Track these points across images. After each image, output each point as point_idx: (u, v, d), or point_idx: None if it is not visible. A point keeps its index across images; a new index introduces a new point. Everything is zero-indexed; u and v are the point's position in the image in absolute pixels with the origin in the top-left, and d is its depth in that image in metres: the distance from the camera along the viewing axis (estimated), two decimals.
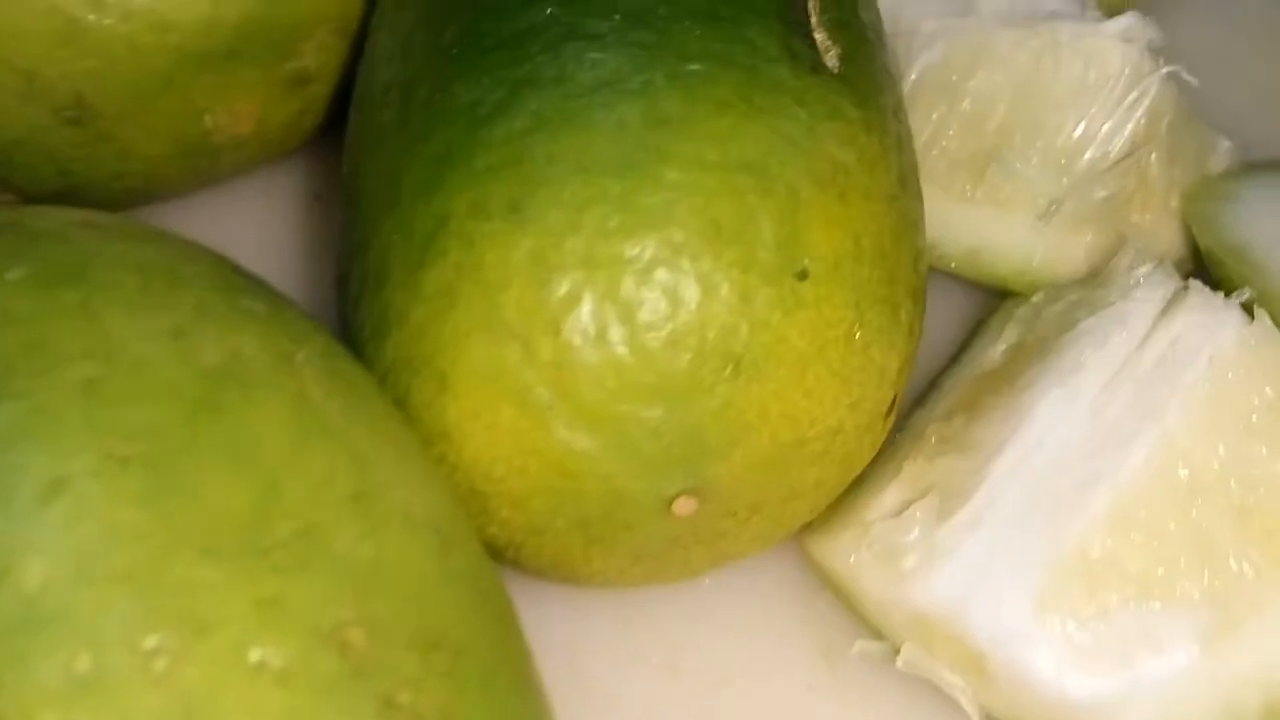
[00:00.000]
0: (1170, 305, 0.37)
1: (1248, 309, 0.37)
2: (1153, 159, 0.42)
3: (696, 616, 0.38)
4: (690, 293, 0.31)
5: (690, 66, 0.32)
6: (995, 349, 0.40)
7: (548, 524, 0.33)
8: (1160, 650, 0.33)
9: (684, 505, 0.32)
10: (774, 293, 0.31)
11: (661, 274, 0.31)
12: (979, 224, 0.42)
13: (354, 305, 0.34)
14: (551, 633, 0.38)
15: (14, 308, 0.26)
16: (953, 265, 0.42)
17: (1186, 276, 0.39)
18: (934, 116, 0.43)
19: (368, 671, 0.24)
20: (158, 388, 0.26)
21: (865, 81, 0.34)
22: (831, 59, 0.34)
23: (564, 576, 0.35)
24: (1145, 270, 0.38)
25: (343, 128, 0.38)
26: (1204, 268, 0.43)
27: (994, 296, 0.43)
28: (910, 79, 0.43)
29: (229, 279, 0.30)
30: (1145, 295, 0.37)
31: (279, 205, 0.47)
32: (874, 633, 0.37)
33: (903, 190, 0.34)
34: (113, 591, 0.23)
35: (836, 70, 0.34)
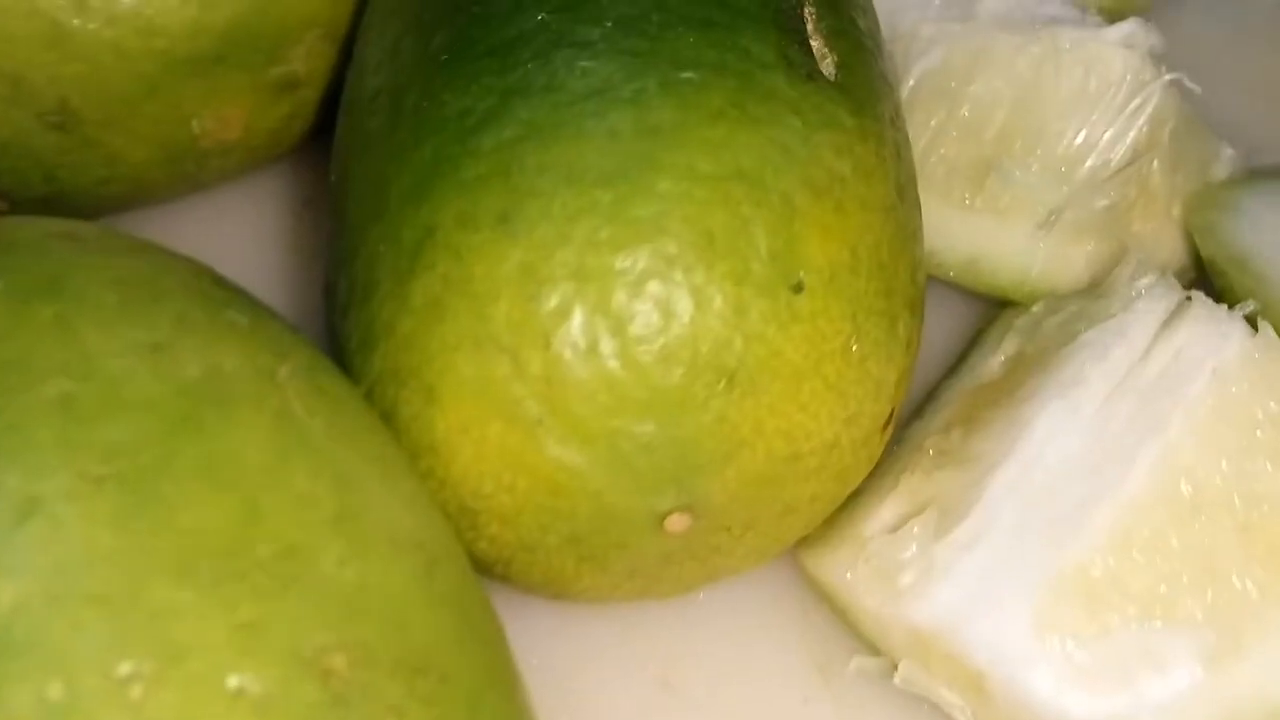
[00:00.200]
0: (1172, 317, 0.36)
1: (1251, 321, 0.36)
2: (1154, 167, 0.41)
3: (690, 630, 0.38)
4: (683, 306, 0.30)
5: (683, 74, 0.31)
6: (994, 360, 0.39)
7: (538, 541, 0.32)
8: (1162, 670, 0.33)
9: (677, 522, 0.31)
10: (768, 305, 0.30)
11: (654, 286, 0.30)
12: (978, 233, 0.41)
13: (341, 315, 0.34)
14: (542, 647, 0.37)
15: None
16: (951, 274, 0.42)
17: (1188, 286, 0.39)
18: (932, 123, 0.42)
19: (350, 699, 0.24)
20: (135, 405, 0.25)
21: (862, 89, 0.34)
22: (828, 66, 0.33)
23: (555, 593, 0.35)
24: (1147, 281, 0.37)
25: (332, 133, 0.37)
26: (1206, 277, 0.42)
27: (993, 306, 0.43)
28: (908, 85, 0.43)
29: (211, 291, 0.29)
30: (1147, 307, 0.36)
31: (267, 211, 0.46)
32: (871, 648, 0.37)
33: (900, 200, 0.34)
34: (86, 615, 0.23)
35: (833, 78, 0.33)
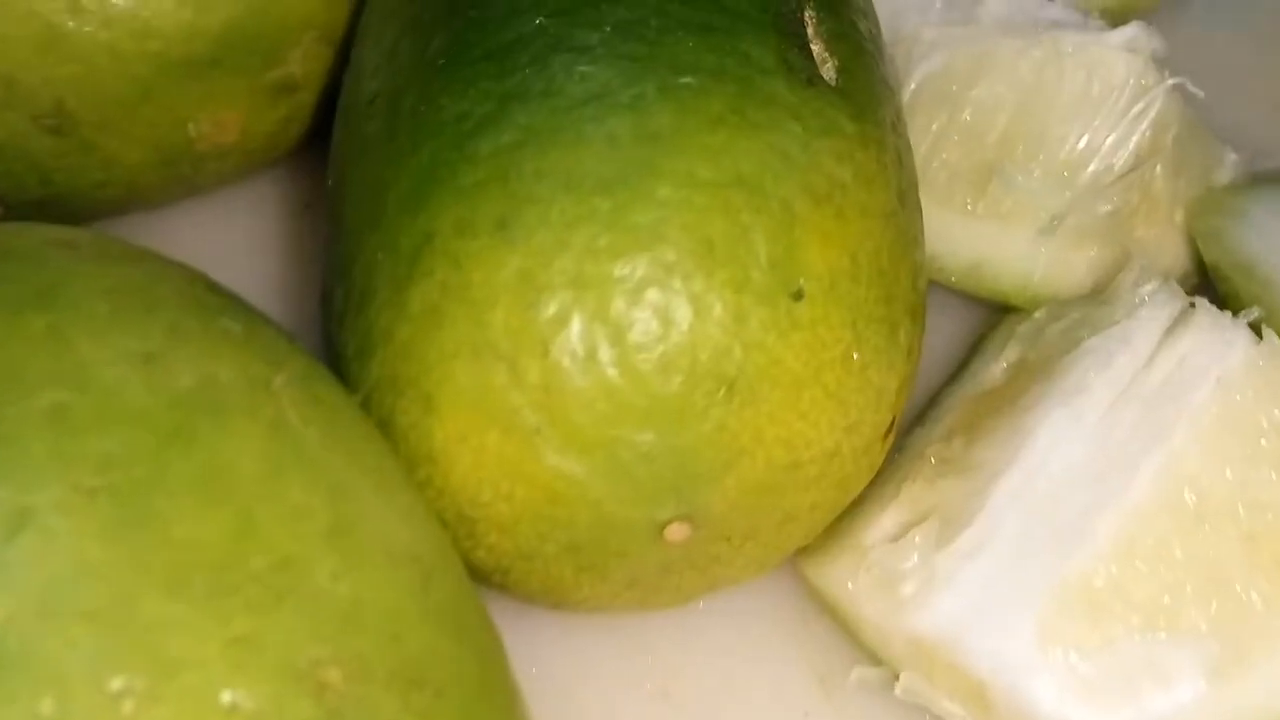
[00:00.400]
0: (1176, 324, 0.36)
1: (1255, 328, 0.36)
2: (1157, 171, 0.41)
3: (690, 641, 0.38)
4: (682, 314, 0.30)
5: (682, 80, 0.31)
6: (996, 367, 0.39)
7: (536, 550, 0.32)
8: (1166, 682, 0.33)
9: (676, 532, 0.31)
10: (768, 313, 0.30)
11: (652, 294, 0.30)
12: (980, 238, 0.41)
13: (338, 323, 0.33)
14: (541, 658, 0.37)
15: None
16: (953, 280, 0.42)
17: (1192, 291, 0.39)
18: (934, 127, 0.42)
19: (345, 713, 0.24)
20: (128, 416, 0.25)
21: (863, 94, 0.33)
22: (828, 71, 0.33)
23: (554, 602, 0.34)
24: (1150, 288, 0.37)
25: (332, 135, 0.37)
26: (1209, 282, 0.42)
27: (995, 311, 0.43)
28: (910, 88, 0.42)
29: (205, 299, 0.29)
30: (1150, 314, 0.36)
31: (266, 215, 0.46)
32: (872, 659, 0.37)
33: (901, 206, 0.34)
34: (78, 630, 0.22)
35: (834, 83, 0.33)
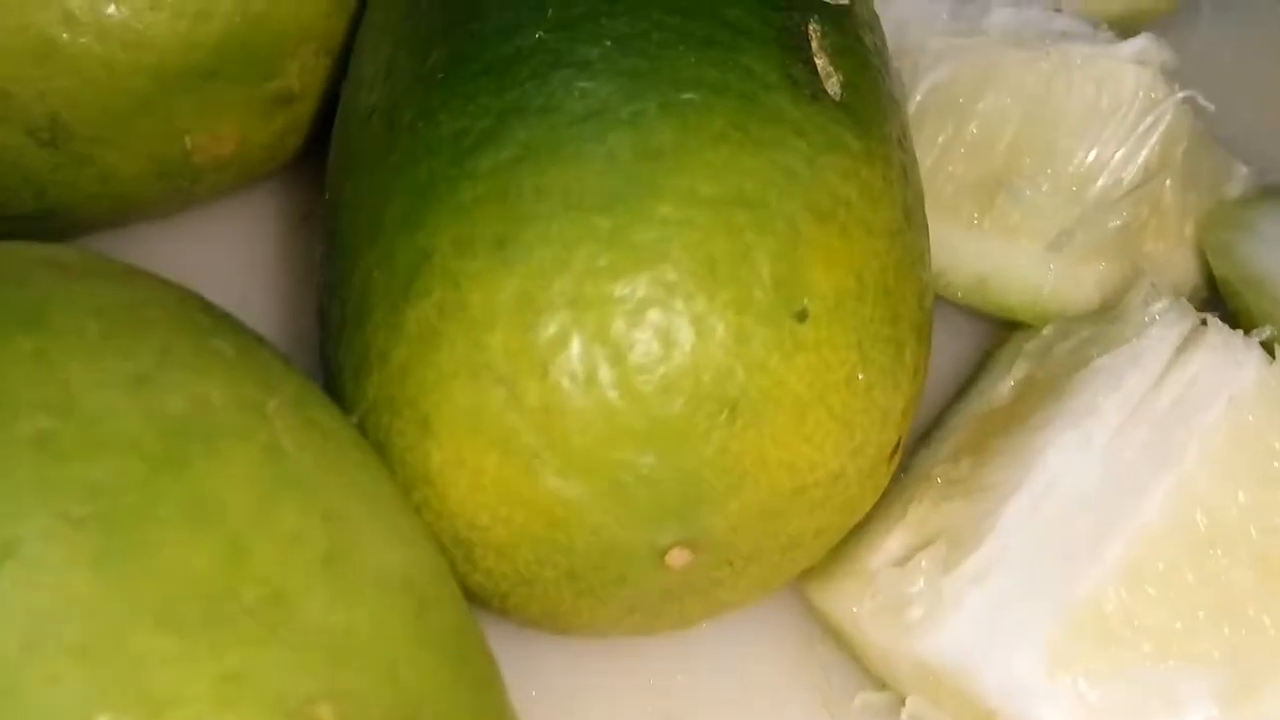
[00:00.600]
0: (1187, 343, 0.36)
1: (1267, 347, 0.35)
2: (1167, 185, 0.40)
3: (692, 663, 0.37)
4: (684, 335, 0.29)
5: (684, 95, 0.31)
6: (1004, 385, 0.38)
7: (535, 574, 0.31)
8: (1178, 710, 0.32)
9: (678, 557, 0.31)
10: (772, 334, 0.30)
11: (654, 315, 0.29)
12: (987, 253, 0.40)
13: (335, 341, 0.33)
14: (542, 681, 0.37)
15: None
16: (959, 295, 0.41)
17: (1201, 306, 0.38)
18: (940, 139, 0.41)
19: None
20: (117, 442, 0.24)
21: (868, 109, 0.33)
22: (833, 86, 0.32)
23: (554, 627, 0.34)
24: (1161, 306, 0.36)
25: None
26: (1219, 297, 0.41)
27: (1001, 326, 0.42)
28: (915, 100, 0.42)
29: (198, 319, 0.28)
30: (1161, 333, 0.35)
31: (265, 226, 0.46)
32: (878, 683, 0.36)
33: (907, 223, 0.33)
34: (64, 666, 0.22)
35: (838, 98, 0.32)
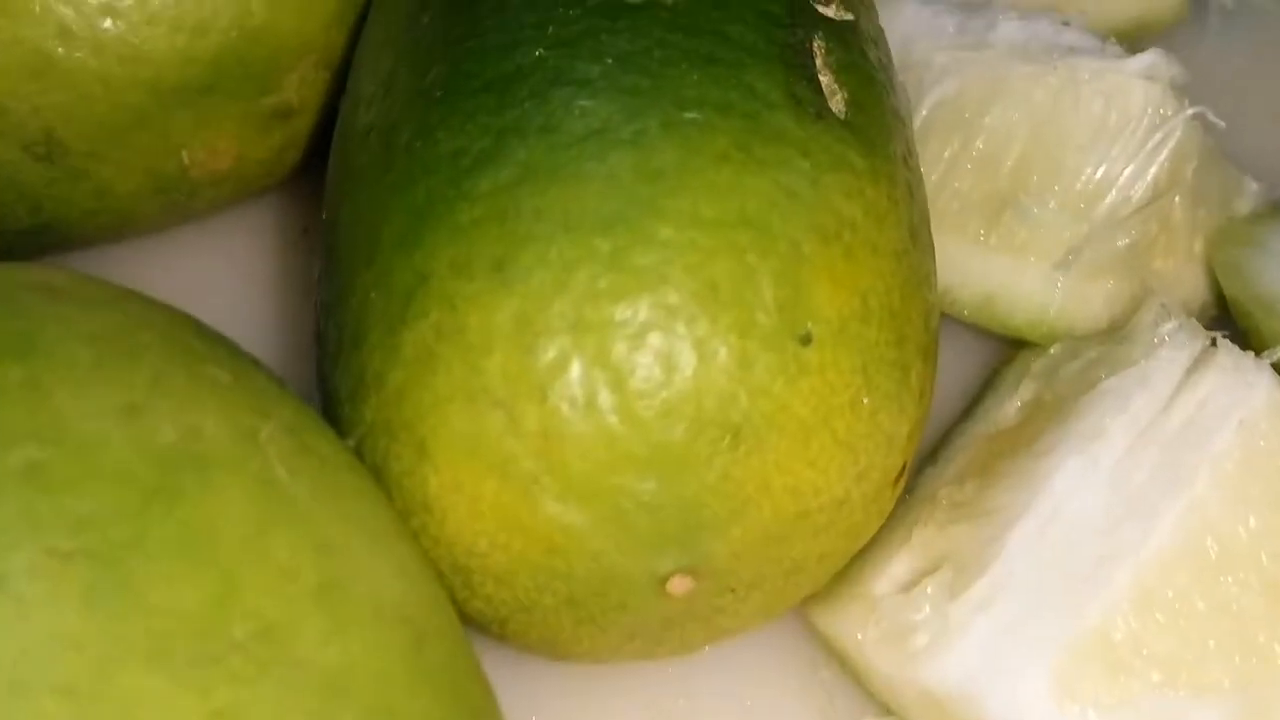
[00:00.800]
0: (1196, 364, 0.35)
1: (1279, 368, 0.35)
2: (1176, 202, 0.40)
3: (694, 688, 0.37)
4: (685, 359, 0.29)
5: (686, 115, 0.30)
6: (1010, 405, 0.38)
7: (535, 601, 0.31)
8: None
9: (679, 584, 0.30)
10: (775, 358, 0.29)
11: (655, 338, 0.29)
12: (993, 270, 0.40)
13: (331, 363, 0.32)
14: (541, 707, 0.36)
15: None
16: (965, 313, 0.40)
17: (1211, 324, 0.38)
18: (946, 155, 0.41)
19: None
20: (107, 473, 0.24)
21: (873, 127, 0.32)
22: (837, 103, 0.32)
23: (553, 653, 0.33)
24: (1170, 327, 0.35)
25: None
26: (1229, 314, 0.41)
27: (1009, 343, 0.42)
28: (921, 115, 0.41)
29: (191, 344, 0.28)
30: (1170, 354, 0.35)
31: (264, 240, 0.46)
32: (882, 708, 0.36)
33: (913, 243, 0.32)
34: (51, 705, 0.21)
35: (843, 116, 0.32)
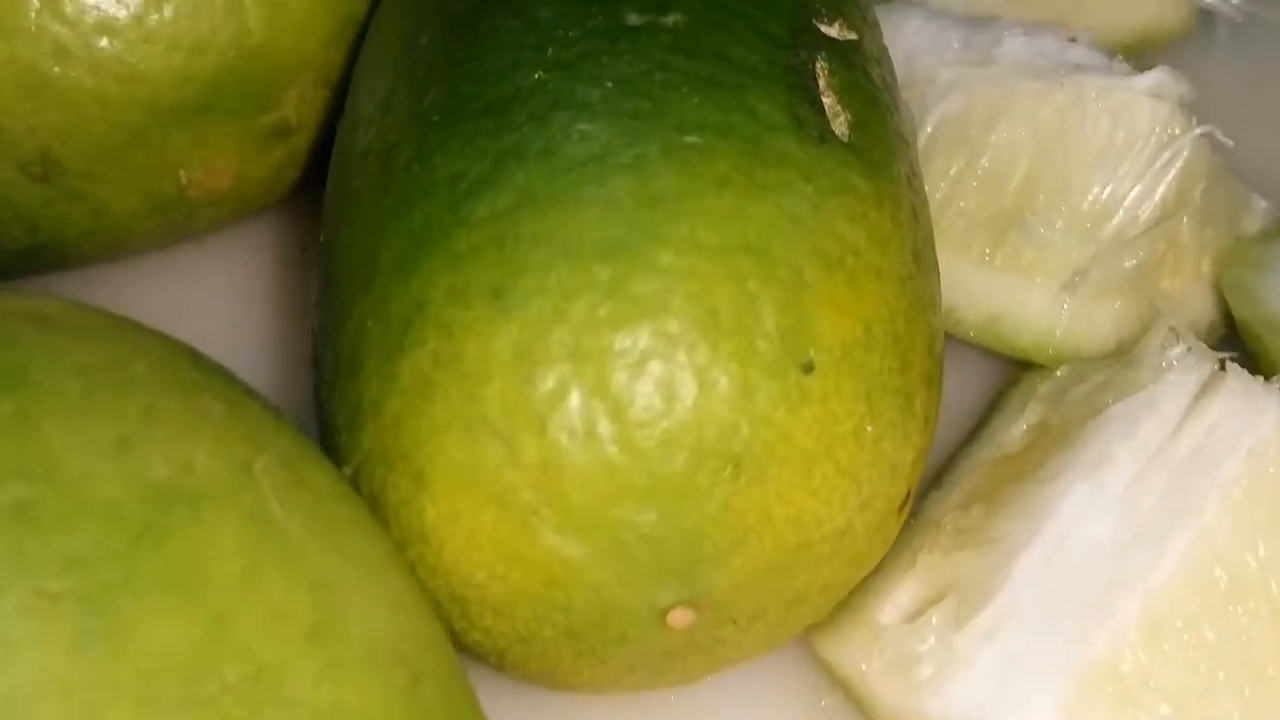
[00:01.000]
0: (1205, 389, 0.34)
1: None
2: (1184, 223, 0.39)
3: (696, 717, 0.36)
4: (686, 388, 0.28)
5: (687, 139, 0.30)
6: (1016, 428, 0.37)
7: (534, 633, 0.30)
8: None
9: (680, 617, 0.30)
10: (777, 387, 0.29)
11: (655, 367, 0.28)
12: (999, 291, 0.39)
13: (328, 389, 0.32)
14: None
15: None
16: (970, 334, 0.40)
17: (1219, 343, 0.37)
18: (951, 172, 0.40)
19: None
20: (96, 510, 0.23)
21: (877, 149, 0.32)
22: (840, 125, 0.31)
23: (553, 684, 0.33)
24: (1178, 351, 0.35)
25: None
26: (1238, 333, 0.40)
27: (1015, 363, 0.41)
28: (926, 132, 0.41)
29: (186, 375, 0.27)
30: (1178, 379, 0.34)
31: (263, 259, 0.45)
32: None
33: (917, 267, 0.32)
34: None
35: (846, 139, 0.31)
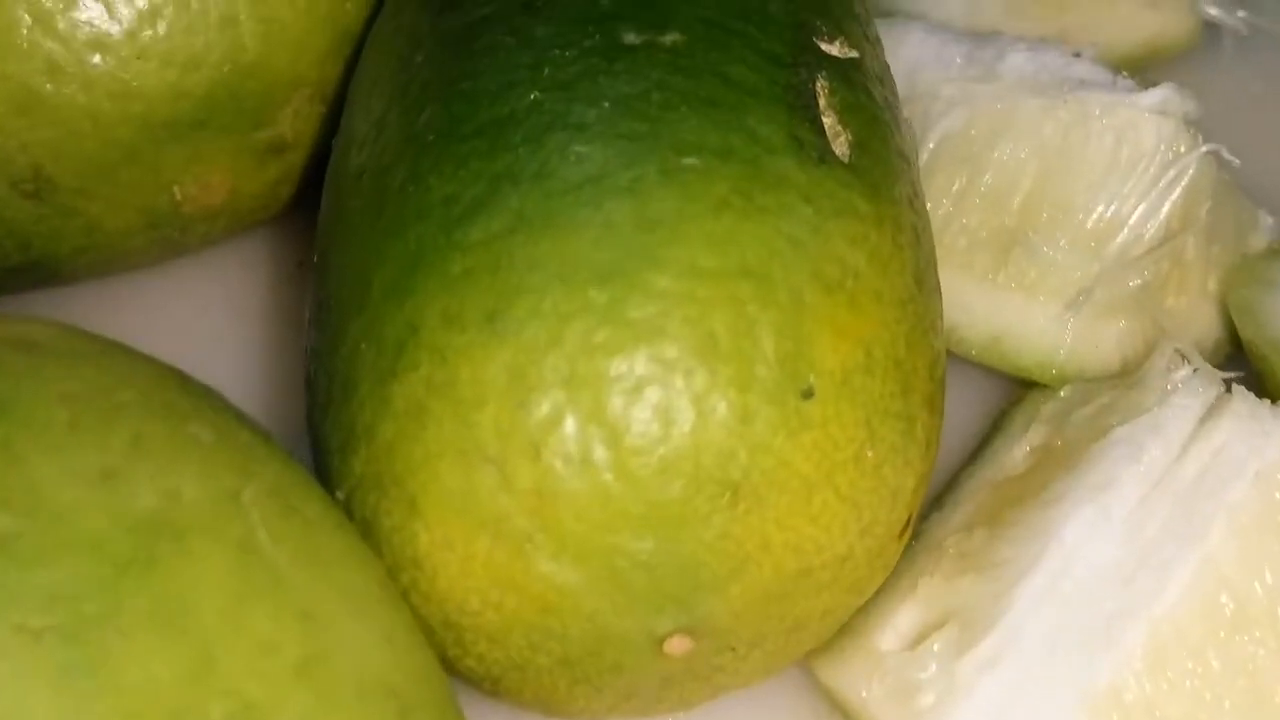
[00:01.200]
0: (1211, 412, 0.34)
1: None
2: (1189, 241, 0.39)
3: None
4: (683, 414, 0.28)
5: (685, 160, 0.29)
6: (1019, 449, 0.37)
7: (528, 660, 0.30)
8: None
9: (677, 645, 0.29)
10: (776, 413, 0.28)
11: (651, 393, 0.28)
12: (1002, 310, 0.39)
13: (321, 412, 0.32)
14: None
15: None
16: (973, 353, 0.40)
17: (1224, 362, 0.37)
18: (953, 189, 0.40)
19: None
20: (81, 543, 0.23)
21: (878, 170, 0.32)
22: (841, 146, 0.31)
23: (548, 711, 0.32)
24: (1184, 374, 0.34)
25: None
26: (1244, 352, 0.40)
27: (1016, 382, 0.41)
28: (928, 148, 0.40)
29: (174, 402, 0.27)
30: (1184, 401, 0.34)
31: (258, 274, 0.45)
32: None
33: (919, 289, 0.32)
34: None
35: (847, 159, 0.31)
